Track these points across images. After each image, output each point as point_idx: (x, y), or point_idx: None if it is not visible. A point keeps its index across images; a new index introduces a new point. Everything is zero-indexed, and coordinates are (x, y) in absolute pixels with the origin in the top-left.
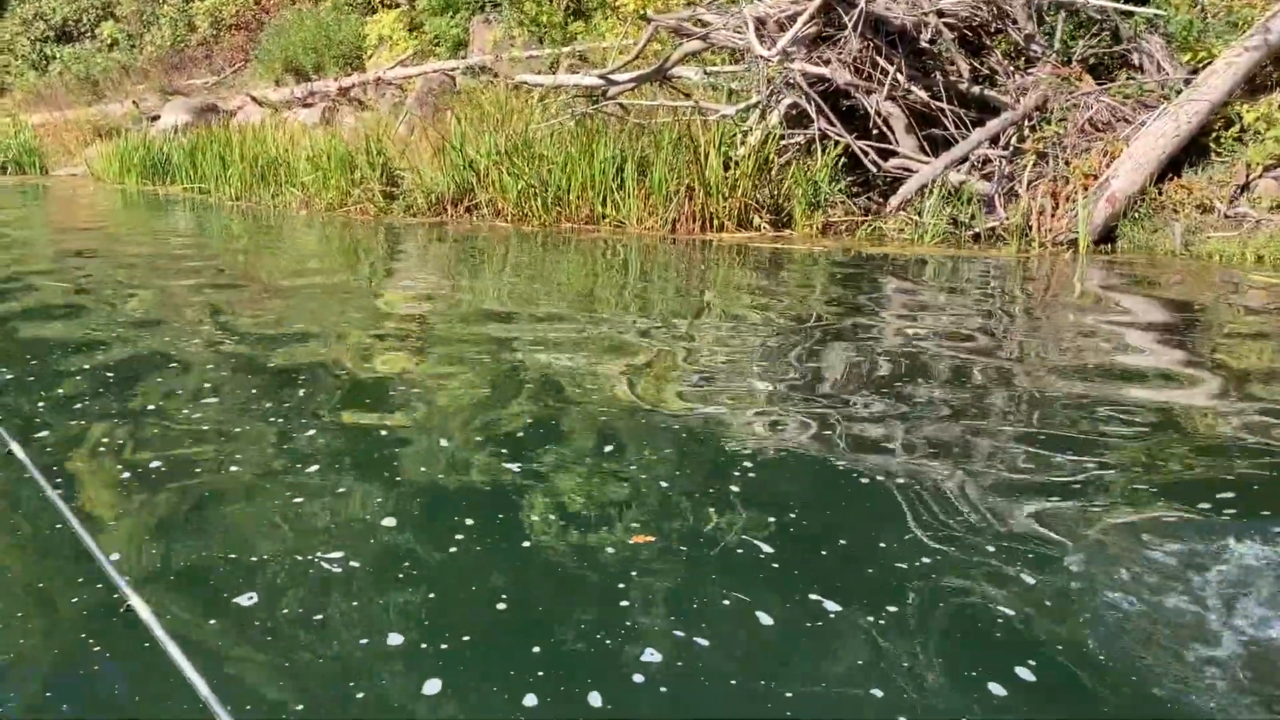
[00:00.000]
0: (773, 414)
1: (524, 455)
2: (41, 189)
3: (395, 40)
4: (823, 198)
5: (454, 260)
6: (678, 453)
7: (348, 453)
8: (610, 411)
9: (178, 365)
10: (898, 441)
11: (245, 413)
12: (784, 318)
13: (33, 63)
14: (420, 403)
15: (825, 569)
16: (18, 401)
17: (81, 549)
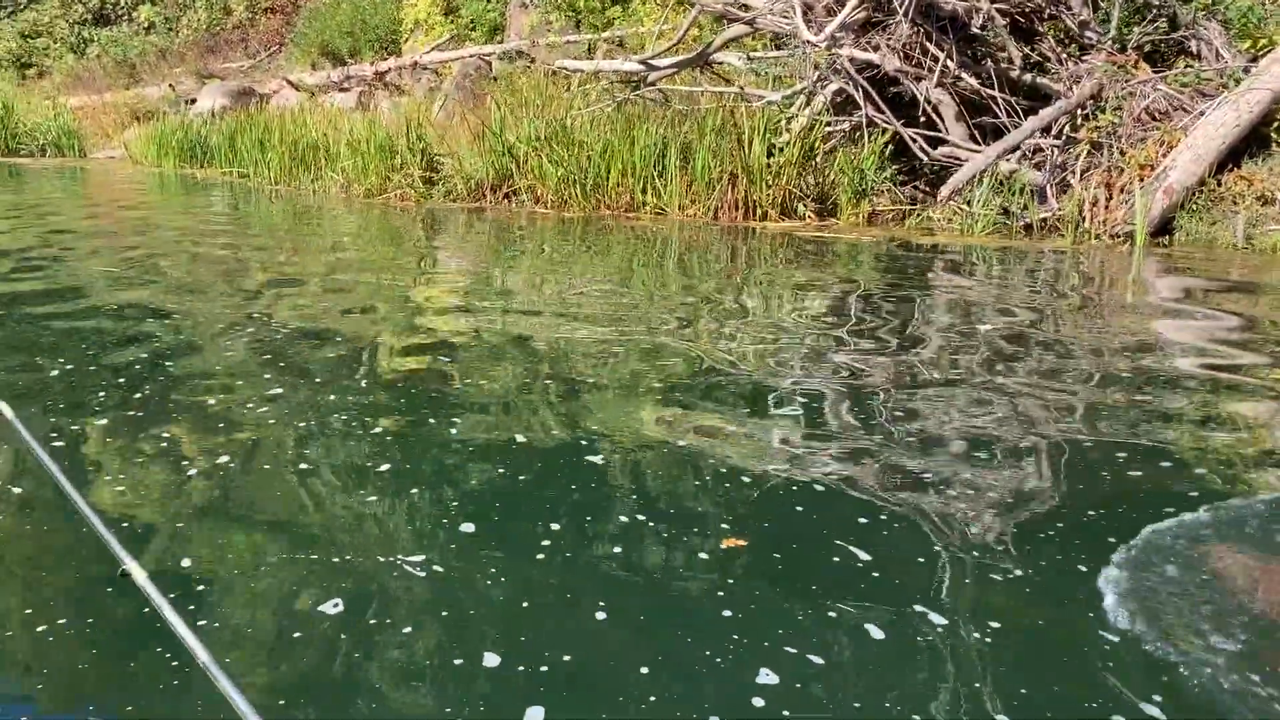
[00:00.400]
0: (852, 410)
1: (596, 452)
2: (80, 171)
3: (431, 24)
4: (869, 186)
5: (495, 249)
6: (752, 449)
7: (411, 450)
8: (674, 410)
9: (228, 358)
10: (976, 441)
11: (306, 408)
12: (863, 313)
13: (71, 45)
14: (482, 399)
15: (923, 578)
16: (52, 394)
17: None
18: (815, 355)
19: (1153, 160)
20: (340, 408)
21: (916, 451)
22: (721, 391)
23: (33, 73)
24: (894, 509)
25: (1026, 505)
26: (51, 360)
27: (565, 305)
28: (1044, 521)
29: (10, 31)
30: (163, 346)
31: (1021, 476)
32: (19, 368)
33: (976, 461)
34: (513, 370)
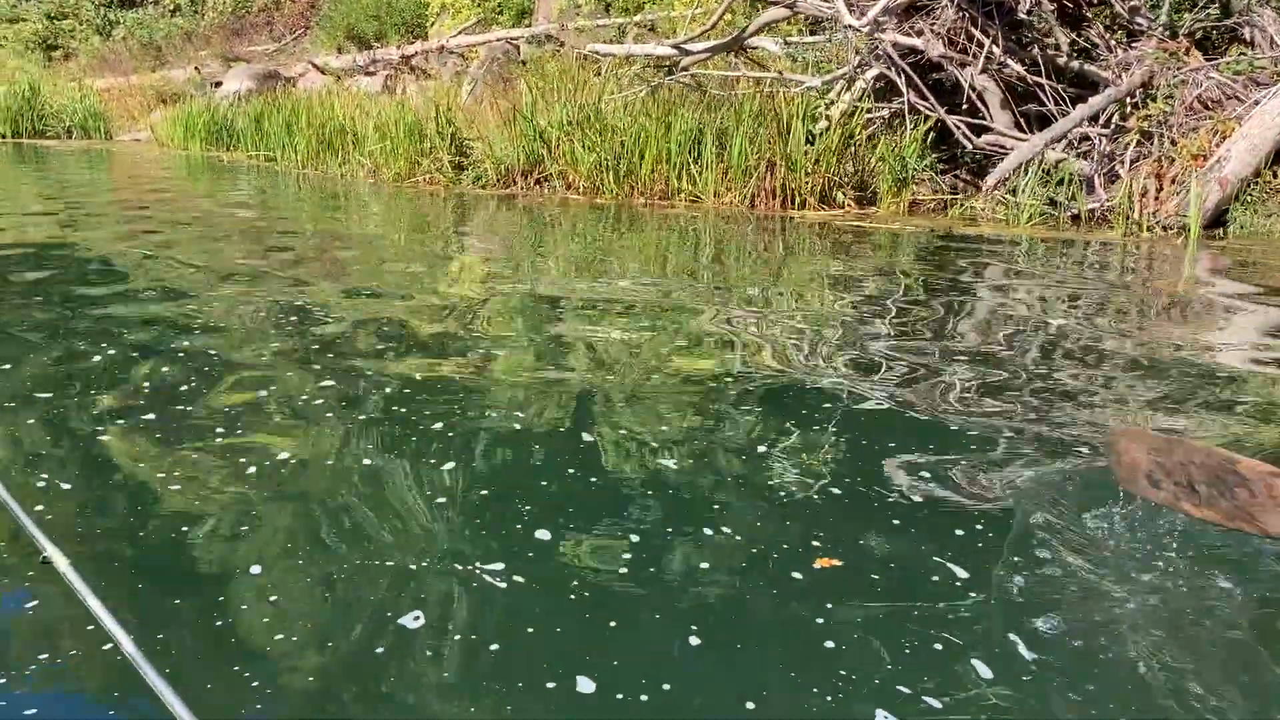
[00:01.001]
0: (921, 416)
1: (668, 456)
2: (106, 154)
3: (458, 8)
4: (910, 174)
5: (529, 236)
6: (826, 457)
7: (471, 450)
8: (737, 414)
9: (265, 350)
10: (1058, 446)
11: (355, 406)
12: (922, 309)
13: (97, 27)
14: (538, 396)
15: (1025, 603)
16: (95, 385)
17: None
18: (873, 354)
19: (1206, 150)
20: (392, 403)
21: (995, 457)
22: (790, 397)
23: (59, 55)
24: (984, 520)
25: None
26: (94, 347)
27: (613, 300)
28: (1144, 525)
29: (37, 14)
30: (200, 336)
31: (1107, 478)
32: (60, 357)
33: (1064, 469)
34: (562, 370)
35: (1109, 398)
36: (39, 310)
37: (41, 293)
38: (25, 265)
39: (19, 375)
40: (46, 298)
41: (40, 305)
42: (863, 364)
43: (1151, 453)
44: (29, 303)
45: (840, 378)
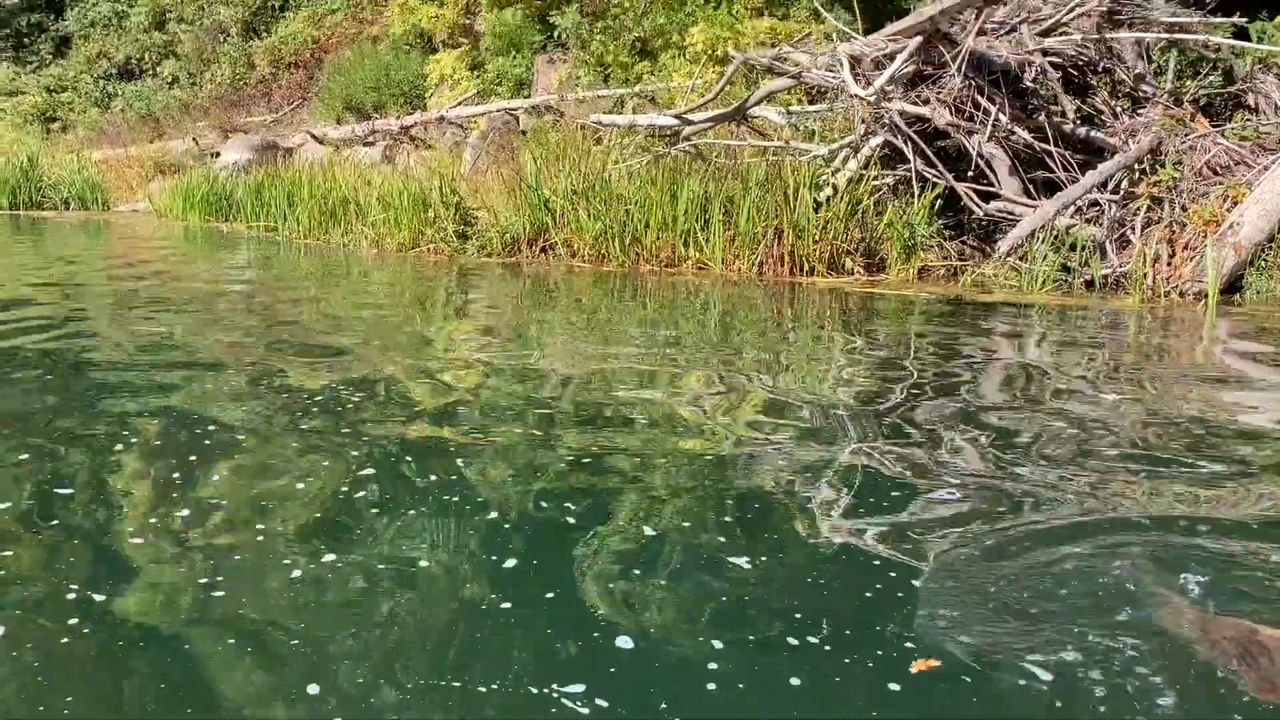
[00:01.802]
0: (973, 496)
1: (737, 552)
2: (104, 224)
3: (457, 79)
4: (918, 241)
5: (536, 305)
6: (894, 543)
7: (540, 546)
8: (795, 499)
9: (262, 420)
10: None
11: (377, 478)
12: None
13: (95, 100)
14: (547, 477)
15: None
16: (92, 449)
17: None
18: (907, 429)
19: (1218, 216)
20: (422, 483)
21: (1052, 541)
22: (817, 472)
23: (57, 127)
24: (1065, 619)
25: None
26: (91, 415)
27: (620, 371)
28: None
29: (36, 86)
30: (196, 405)
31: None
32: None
33: (1143, 560)
34: (568, 447)
35: (1175, 474)
36: (30, 391)
37: (38, 370)
38: (18, 341)
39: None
40: (41, 378)
41: (34, 384)
42: (903, 440)
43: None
44: (21, 379)
45: (868, 451)
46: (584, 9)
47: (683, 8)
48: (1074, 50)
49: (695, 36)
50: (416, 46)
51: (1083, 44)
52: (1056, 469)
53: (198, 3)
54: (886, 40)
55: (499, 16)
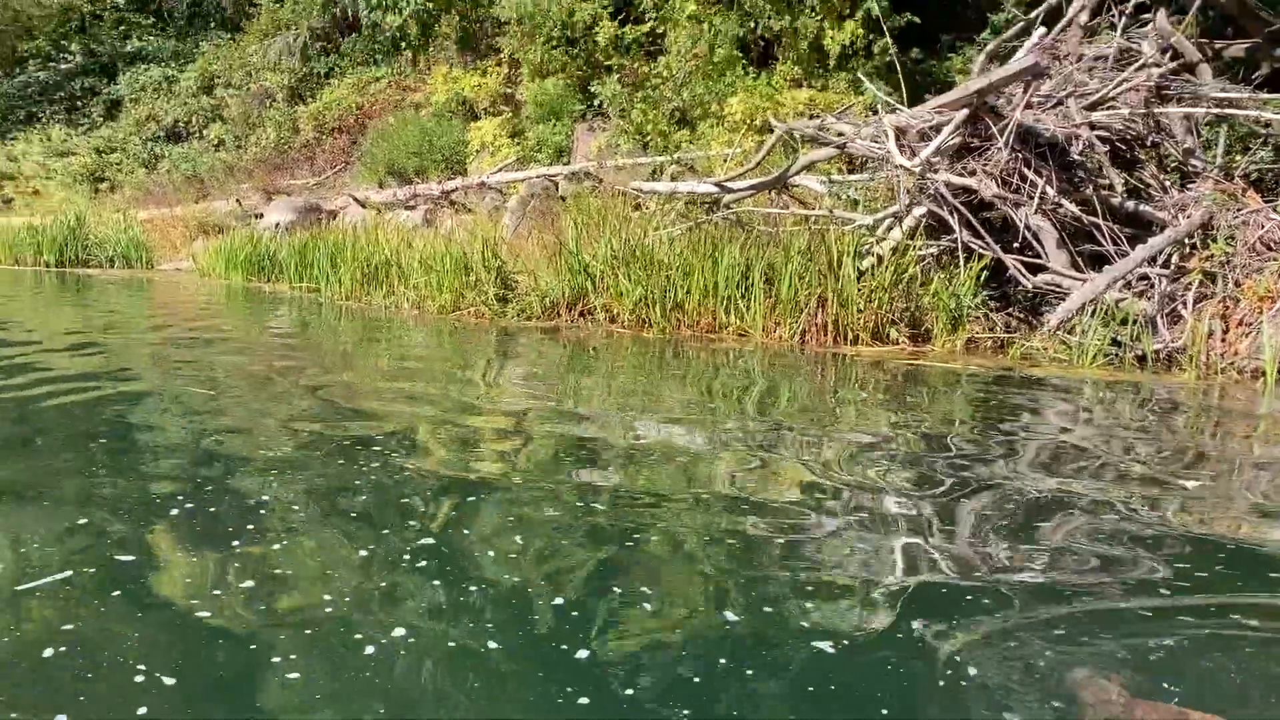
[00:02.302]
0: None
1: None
2: (148, 282)
3: (497, 146)
4: (965, 312)
5: (577, 370)
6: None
7: (606, 634)
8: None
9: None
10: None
11: (388, 556)
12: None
13: (143, 161)
14: (580, 553)
15: None
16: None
17: None
18: (955, 517)
19: (1273, 292)
20: (477, 557)
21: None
22: (860, 550)
23: (105, 186)
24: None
25: None
26: (138, 479)
27: (659, 441)
28: None
29: (86, 147)
30: (242, 469)
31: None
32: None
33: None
34: (602, 517)
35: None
36: (73, 448)
37: (79, 428)
38: (61, 397)
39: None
40: (84, 435)
41: (77, 440)
42: (951, 527)
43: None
44: (64, 436)
45: (915, 537)
46: (624, 79)
47: (721, 79)
48: (1121, 124)
49: (734, 107)
50: (458, 114)
51: (1130, 118)
52: (1106, 568)
53: (245, 69)
54: (932, 112)
55: (540, 86)
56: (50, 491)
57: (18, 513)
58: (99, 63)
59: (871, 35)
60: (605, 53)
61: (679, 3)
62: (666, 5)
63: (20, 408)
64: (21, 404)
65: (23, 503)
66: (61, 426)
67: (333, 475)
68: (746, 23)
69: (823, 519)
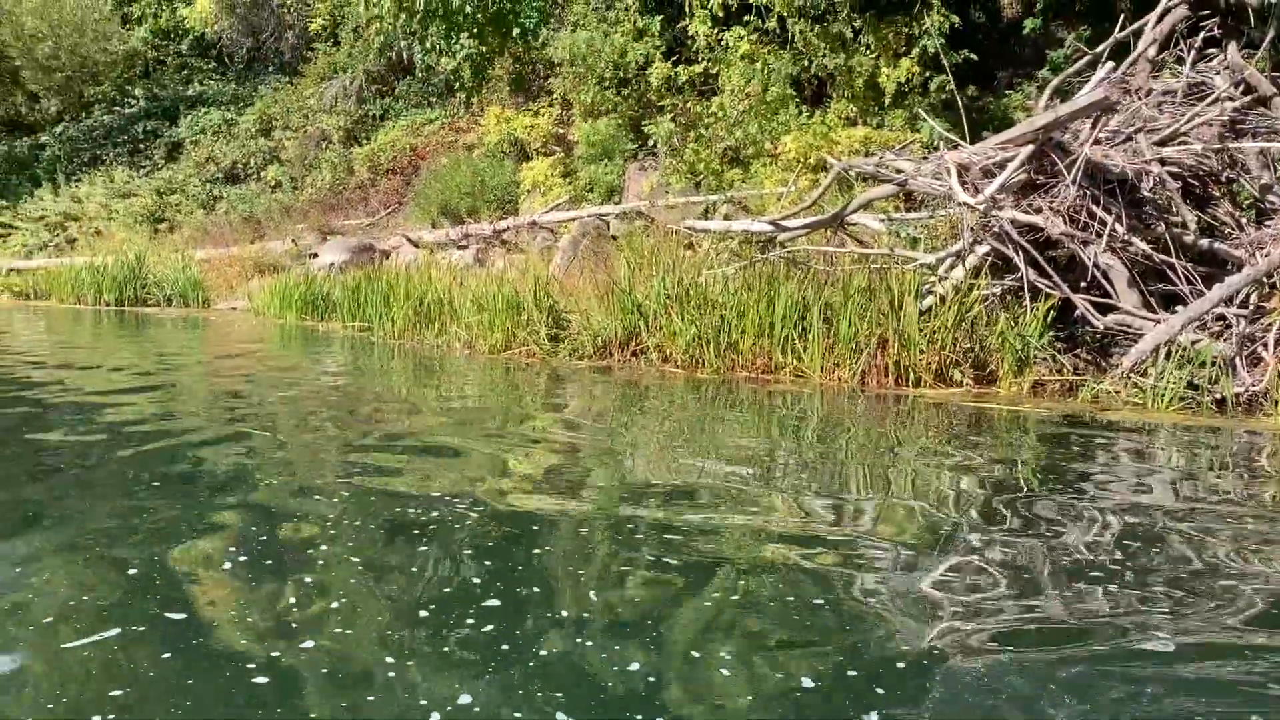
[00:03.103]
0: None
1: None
2: (204, 321)
3: (549, 185)
4: (1031, 354)
5: (629, 411)
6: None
7: (681, 696)
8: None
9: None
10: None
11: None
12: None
13: (202, 202)
14: (642, 604)
15: None
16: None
17: None
18: (1037, 580)
19: None
20: (475, 590)
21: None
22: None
23: (164, 226)
24: None
25: None
26: (195, 519)
27: (713, 485)
28: None
29: (147, 188)
30: (295, 508)
31: None
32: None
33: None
34: (656, 567)
35: None
36: (127, 490)
37: (134, 471)
38: (119, 440)
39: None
40: (139, 479)
41: (132, 484)
42: (1035, 588)
43: None
44: (119, 480)
45: (989, 594)
46: (677, 119)
47: (775, 117)
48: (1194, 160)
49: (788, 145)
50: (510, 154)
51: (1203, 154)
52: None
53: (302, 111)
54: (995, 149)
55: (593, 126)
56: (101, 538)
57: (70, 560)
58: (161, 106)
59: (928, 72)
60: (658, 93)
61: (733, 42)
62: (720, 45)
63: (76, 451)
64: (79, 448)
65: (75, 551)
66: (117, 470)
67: (390, 530)
68: (800, 61)
69: (883, 571)
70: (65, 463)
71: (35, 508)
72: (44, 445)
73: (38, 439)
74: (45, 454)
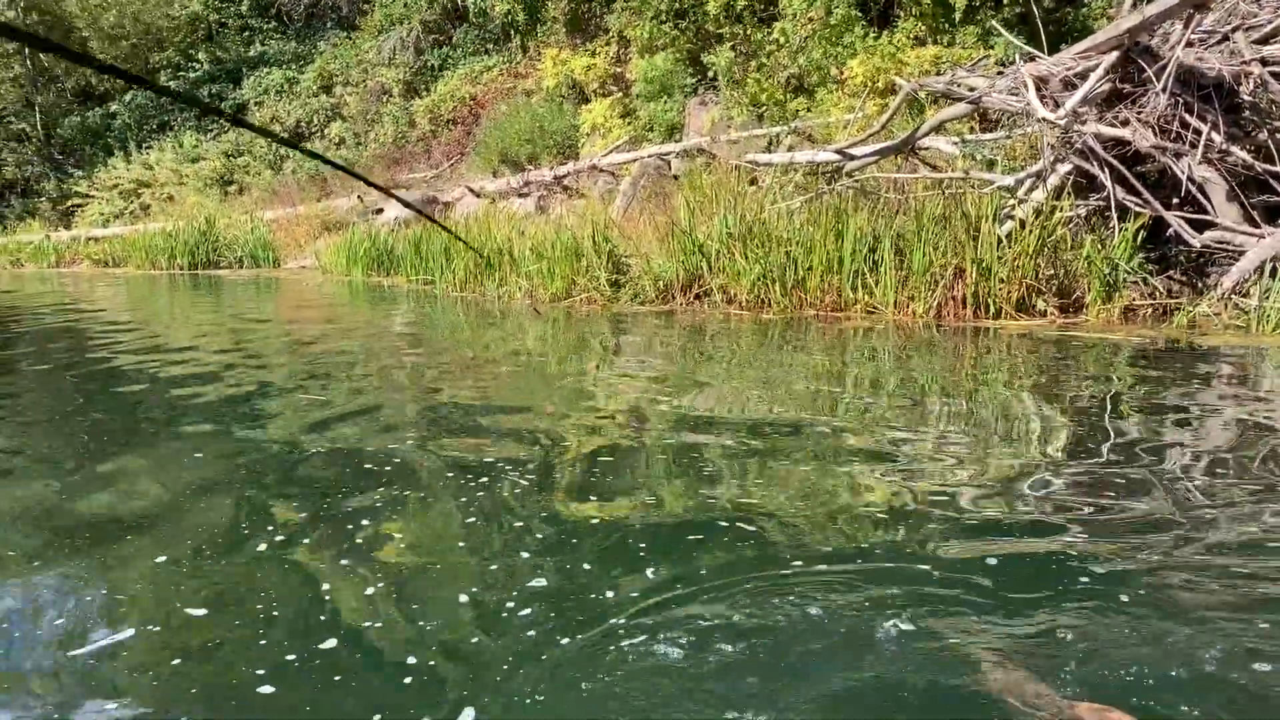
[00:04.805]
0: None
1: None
2: (275, 281)
3: (609, 127)
4: (1120, 277)
5: (692, 356)
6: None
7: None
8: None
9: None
10: None
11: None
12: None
13: (269, 163)
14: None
15: None
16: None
17: None
18: (1149, 532)
19: None
20: (549, 542)
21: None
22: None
23: (233, 189)
24: None
25: None
26: (279, 479)
27: (784, 425)
28: None
29: (215, 152)
30: (375, 458)
31: None
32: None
33: None
34: (734, 511)
35: None
36: (212, 438)
37: (219, 418)
38: (201, 391)
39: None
40: (224, 425)
41: (218, 434)
42: (1142, 538)
43: None
44: (205, 429)
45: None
46: (736, 48)
47: (840, 41)
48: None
49: (854, 70)
50: (569, 98)
51: None
52: None
53: (362, 66)
54: (1076, 58)
55: (650, 62)
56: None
57: (147, 545)
58: (225, 69)
59: None
60: (716, 22)
61: None
62: None
63: (155, 420)
64: (157, 421)
65: (158, 523)
66: (194, 439)
67: (457, 495)
68: None
69: (974, 521)
70: (164, 403)
71: (143, 436)
72: (145, 389)
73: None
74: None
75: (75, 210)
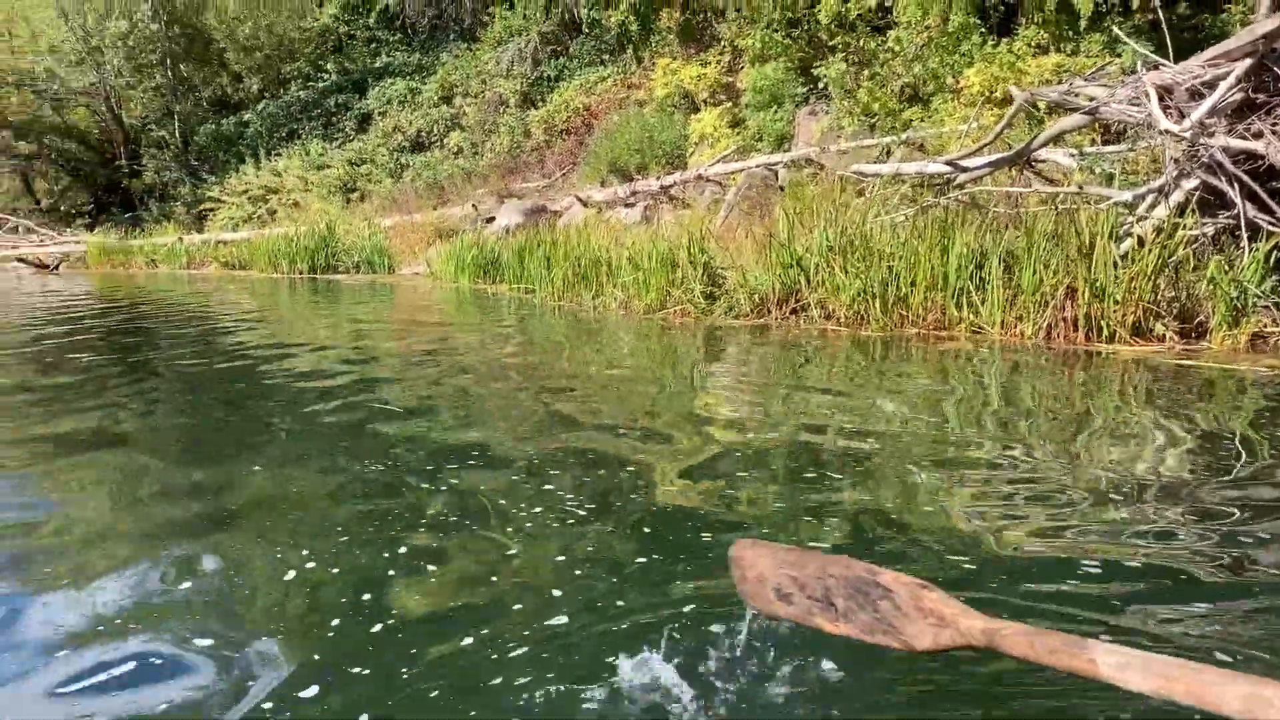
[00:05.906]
0: None
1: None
2: (389, 287)
3: (717, 137)
4: (1250, 302)
5: (787, 375)
6: None
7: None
8: None
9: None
10: None
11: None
12: None
13: (390, 171)
14: None
15: None
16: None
17: None
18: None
19: None
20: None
21: None
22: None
23: (356, 196)
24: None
25: None
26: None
27: (886, 453)
28: None
29: (340, 159)
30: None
31: None
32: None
33: None
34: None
35: None
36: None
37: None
38: (322, 392)
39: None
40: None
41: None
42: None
43: (781, 566)
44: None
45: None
46: (849, 58)
47: (957, 49)
48: None
49: (971, 79)
50: (680, 108)
51: None
52: None
53: (480, 77)
54: (1204, 66)
55: (760, 71)
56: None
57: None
58: (351, 79)
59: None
60: (828, 31)
61: None
62: None
63: (273, 415)
64: (271, 414)
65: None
66: (306, 435)
67: (563, 504)
68: None
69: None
70: (292, 402)
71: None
72: (278, 384)
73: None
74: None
75: (207, 215)
